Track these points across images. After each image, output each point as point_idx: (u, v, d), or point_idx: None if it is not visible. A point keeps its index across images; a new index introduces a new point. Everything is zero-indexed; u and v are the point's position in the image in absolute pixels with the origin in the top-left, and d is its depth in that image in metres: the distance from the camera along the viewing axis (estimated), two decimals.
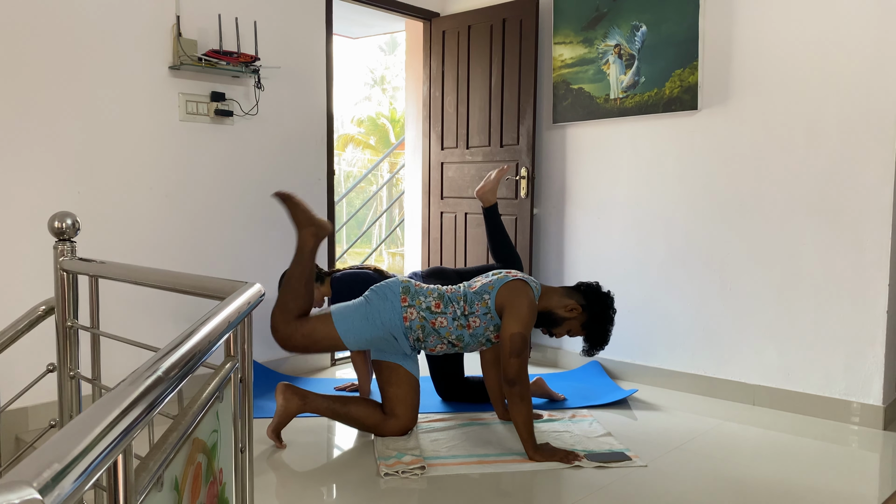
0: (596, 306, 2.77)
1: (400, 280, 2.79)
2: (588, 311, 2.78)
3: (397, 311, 2.69)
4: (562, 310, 2.77)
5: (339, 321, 2.68)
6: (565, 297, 2.79)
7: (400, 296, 2.71)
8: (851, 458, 2.70)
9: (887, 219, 2.98)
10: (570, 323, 2.79)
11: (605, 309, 2.78)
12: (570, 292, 2.81)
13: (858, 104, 3.02)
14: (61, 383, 1.89)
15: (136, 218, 3.21)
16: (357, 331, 2.68)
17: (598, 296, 2.79)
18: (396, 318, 2.69)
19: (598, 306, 2.77)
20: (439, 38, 4.42)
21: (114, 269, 1.80)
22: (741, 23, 3.32)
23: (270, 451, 2.72)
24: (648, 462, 2.61)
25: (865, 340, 3.05)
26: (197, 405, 1.16)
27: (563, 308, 2.77)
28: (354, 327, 2.68)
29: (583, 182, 3.94)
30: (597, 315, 2.77)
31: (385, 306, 2.70)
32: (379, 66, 19.33)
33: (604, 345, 2.79)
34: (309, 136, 3.87)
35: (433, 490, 2.37)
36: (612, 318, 2.79)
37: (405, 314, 2.70)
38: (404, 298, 2.71)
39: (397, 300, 2.71)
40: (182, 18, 3.29)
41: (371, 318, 2.68)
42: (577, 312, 2.77)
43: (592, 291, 2.81)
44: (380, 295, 2.73)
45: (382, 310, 2.69)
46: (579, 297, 2.79)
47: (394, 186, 12.16)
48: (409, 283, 2.77)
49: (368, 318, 2.68)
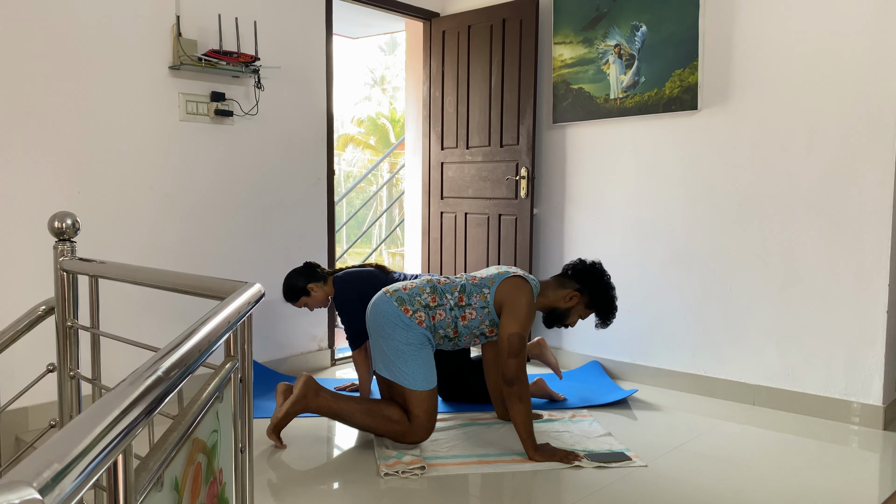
0: (591, 283, 2.77)
1: (387, 295, 2.74)
2: (587, 292, 2.77)
3: (410, 325, 2.67)
4: (563, 302, 2.77)
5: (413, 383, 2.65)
6: (560, 288, 2.79)
7: (400, 309, 2.68)
8: (851, 458, 2.70)
9: (887, 219, 2.98)
10: (576, 310, 2.79)
11: (601, 281, 2.77)
12: (562, 281, 2.81)
13: (858, 104, 3.02)
14: (61, 383, 1.89)
15: (136, 218, 3.21)
16: (422, 371, 2.66)
17: (589, 273, 2.79)
18: (415, 330, 2.66)
19: (593, 282, 2.77)
20: (439, 38, 4.42)
21: (114, 269, 1.80)
22: (741, 23, 3.32)
23: (270, 451, 2.72)
24: (648, 462, 2.61)
25: (865, 340, 3.05)
26: (197, 405, 1.16)
27: (563, 300, 2.77)
28: (418, 372, 2.66)
29: (583, 182, 3.94)
30: (596, 291, 2.76)
31: (401, 331, 2.66)
32: (379, 66, 19.33)
33: (614, 312, 2.79)
34: (309, 136, 3.87)
35: (433, 490, 2.37)
36: (611, 286, 2.79)
37: (417, 320, 2.67)
38: (405, 309, 2.68)
39: (402, 316, 2.67)
40: (182, 18, 3.29)
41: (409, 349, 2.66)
42: (577, 298, 2.77)
43: (581, 271, 2.80)
44: (387, 327, 2.68)
45: (403, 336, 2.66)
46: (572, 282, 2.79)
47: (394, 186, 12.16)
48: (398, 292, 2.73)
49: (411, 352, 2.66)
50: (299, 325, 3.91)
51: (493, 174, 4.19)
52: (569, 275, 2.81)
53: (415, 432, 2.68)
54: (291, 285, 3.30)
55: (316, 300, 3.30)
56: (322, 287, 3.29)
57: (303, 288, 3.27)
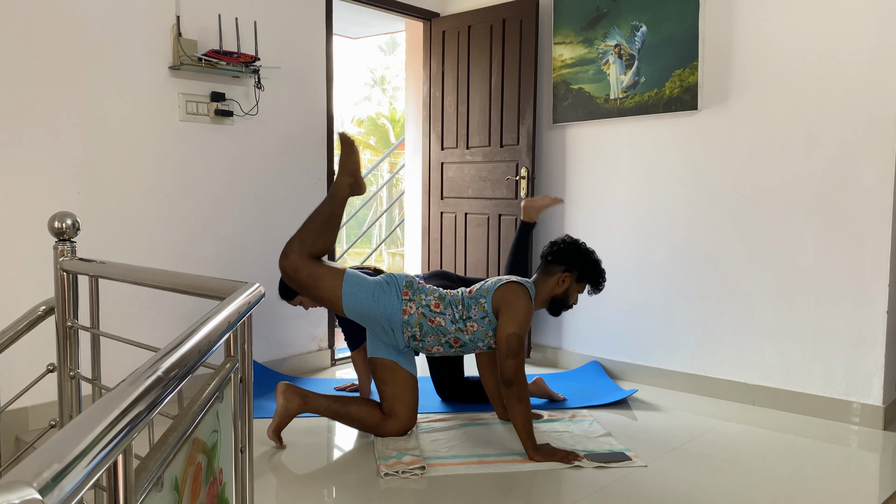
0: (574, 258, 2.83)
1: (406, 275, 2.82)
2: (574, 268, 2.83)
3: (397, 305, 2.72)
4: (557, 287, 2.83)
5: (348, 283, 2.70)
6: (549, 276, 2.84)
7: (402, 289, 2.75)
8: (851, 458, 2.70)
9: (887, 219, 2.98)
10: (571, 289, 2.85)
11: (580, 253, 2.84)
12: (547, 268, 2.86)
13: (858, 104, 3.02)
14: (61, 383, 1.89)
15: (136, 218, 3.21)
16: (358, 300, 2.70)
17: (567, 251, 2.85)
18: (396, 309, 2.71)
19: (576, 257, 2.83)
20: (439, 38, 4.42)
21: (114, 269, 1.80)
22: (741, 23, 3.32)
23: (270, 451, 2.72)
24: (648, 462, 2.61)
25: (865, 340, 3.05)
26: (197, 405, 1.16)
27: (557, 286, 2.83)
28: (357, 296, 2.70)
29: (583, 182, 3.94)
30: (581, 264, 2.83)
31: (391, 294, 2.73)
32: (379, 66, 19.32)
33: (604, 275, 2.86)
34: (309, 136, 3.87)
35: (433, 490, 2.37)
36: (590, 251, 2.87)
37: (405, 307, 2.72)
38: (406, 292, 2.74)
39: (399, 293, 2.74)
40: (182, 18, 3.29)
41: (377, 297, 2.71)
42: (568, 278, 2.83)
43: (559, 252, 2.85)
44: (389, 283, 2.76)
45: (388, 296, 2.72)
46: (556, 266, 2.84)
47: (394, 186, 12.16)
48: (412, 280, 2.80)
49: (374, 296, 2.71)
50: (299, 325, 3.91)
51: (493, 174, 4.19)
52: (549, 260, 2.87)
53: (297, 259, 2.68)
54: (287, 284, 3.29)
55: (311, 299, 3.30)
56: None
57: None
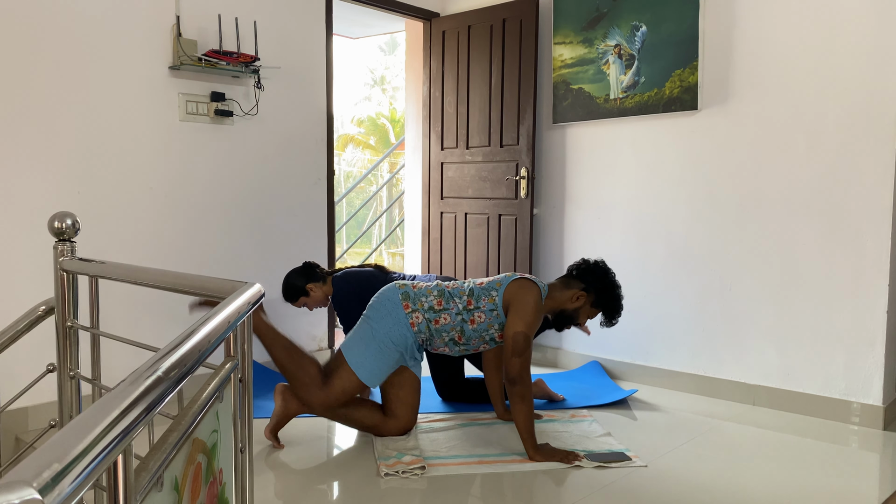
0: (597, 282, 2.76)
1: (396, 286, 2.76)
2: (592, 291, 2.76)
3: (402, 321, 2.68)
4: (570, 302, 2.76)
5: (357, 366, 2.66)
6: (566, 288, 2.78)
7: (401, 303, 2.70)
8: (851, 458, 2.70)
9: (887, 219, 2.98)
10: (584, 310, 2.78)
11: (605, 279, 2.77)
12: (567, 282, 2.80)
13: (858, 104, 3.02)
14: (61, 383, 1.88)
15: (136, 218, 3.21)
16: (374, 366, 2.66)
17: (593, 272, 2.78)
18: (404, 329, 2.67)
19: (599, 281, 2.76)
20: (439, 38, 4.42)
21: (114, 269, 1.80)
22: (741, 23, 3.32)
23: (270, 451, 2.72)
24: (648, 462, 2.61)
25: (865, 340, 3.05)
26: (197, 405, 1.16)
27: (570, 300, 2.76)
28: (370, 364, 2.66)
29: (583, 182, 3.94)
30: (601, 290, 2.76)
31: (389, 323, 2.68)
32: (379, 66, 19.32)
33: (620, 310, 2.78)
34: (309, 136, 3.87)
35: (433, 490, 2.37)
36: (616, 283, 2.78)
37: (411, 320, 2.68)
38: (406, 305, 2.70)
39: (399, 310, 2.69)
40: (182, 18, 3.29)
41: (380, 343, 2.66)
42: (584, 297, 2.76)
43: (586, 270, 2.79)
44: (380, 312, 2.70)
45: (388, 328, 2.67)
46: (577, 282, 2.78)
47: (394, 186, 12.16)
48: (406, 287, 2.75)
49: (379, 345, 2.66)
50: (299, 325, 3.91)
51: (493, 174, 4.19)
52: (573, 275, 2.81)
53: (318, 395, 2.66)
54: (290, 285, 3.30)
55: (315, 300, 3.30)
56: (321, 287, 3.29)
57: (302, 288, 3.28)
